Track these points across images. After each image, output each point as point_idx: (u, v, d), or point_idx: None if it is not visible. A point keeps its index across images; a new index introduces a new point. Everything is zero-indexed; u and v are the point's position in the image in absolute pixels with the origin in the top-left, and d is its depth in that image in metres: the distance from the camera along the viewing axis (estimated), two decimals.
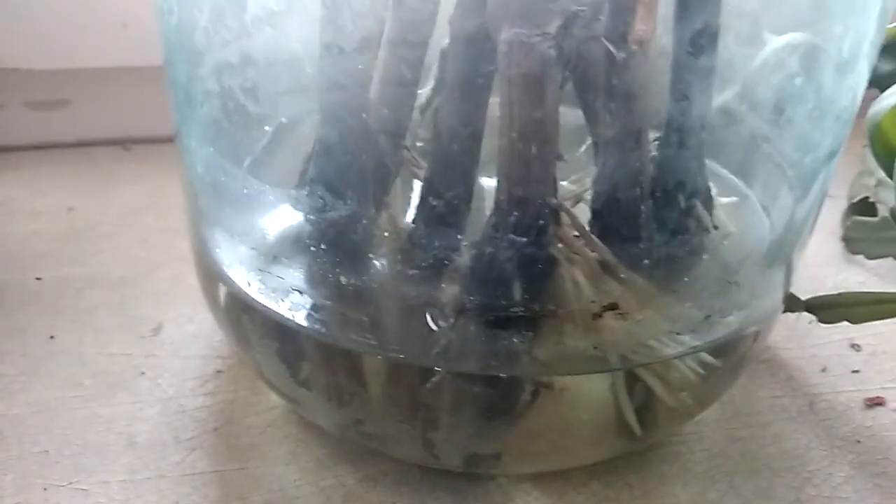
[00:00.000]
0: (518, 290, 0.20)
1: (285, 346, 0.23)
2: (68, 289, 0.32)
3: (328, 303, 0.22)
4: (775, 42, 0.23)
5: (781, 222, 0.24)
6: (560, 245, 0.20)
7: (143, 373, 0.28)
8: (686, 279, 0.22)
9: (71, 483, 0.24)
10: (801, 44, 0.23)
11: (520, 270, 0.20)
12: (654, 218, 0.21)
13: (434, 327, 0.21)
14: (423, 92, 0.23)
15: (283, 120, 0.25)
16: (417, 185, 0.22)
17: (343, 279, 0.21)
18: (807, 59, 0.23)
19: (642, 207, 0.21)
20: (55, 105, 0.43)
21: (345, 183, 0.21)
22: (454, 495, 0.24)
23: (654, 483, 0.25)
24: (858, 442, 0.27)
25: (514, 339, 0.20)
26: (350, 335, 0.21)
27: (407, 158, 0.22)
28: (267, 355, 0.24)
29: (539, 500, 0.24)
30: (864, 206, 0.38)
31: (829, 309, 0.26)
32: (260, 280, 0.23)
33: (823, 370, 0.30)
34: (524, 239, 0.19)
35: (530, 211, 0.19)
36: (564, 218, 0.20)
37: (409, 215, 0.22)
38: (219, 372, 0.28)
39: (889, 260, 0.29)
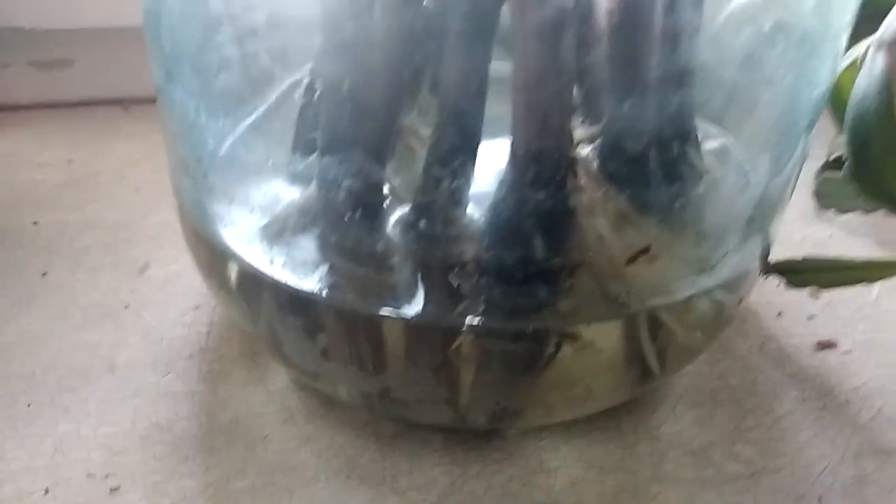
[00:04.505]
0: (541, 243, 0.20)
1: (302, 318, 0.22)
2: (64, 231, 0.34)
3: (345, 269, 0.21)
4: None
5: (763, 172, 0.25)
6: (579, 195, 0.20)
7: (127, 306, 0.30)
8: (704, 220, 0.23)
9: (53, 400, 0.26)
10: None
11: (542, 223, 0.20)
12: (658, 164, 0.21)
13: (458, 286, 0.20)
14: None
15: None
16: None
17: (357, 244, 0.21)
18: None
19: (650, 154, 0.21)
20: (58, 65, 0.45)
21: (357, 145, 0.20)
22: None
23: None
24: (804, 381, 0.28)
25: (541, 292, 0.20)
26: (369, 301, 0.21)
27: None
28: (285, 331, 0.23)
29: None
30: (836, 164, 0.39)
31: (794, 273, 0.27)
32: (271, 251, 0.22)
33: (779, 315, 0.31)
34: (544, 192, 0.19)
35: (549, 163, 0.19)
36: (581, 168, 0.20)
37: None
38: (197, 307, 0.30)
39: (857, 214, 0.30)
